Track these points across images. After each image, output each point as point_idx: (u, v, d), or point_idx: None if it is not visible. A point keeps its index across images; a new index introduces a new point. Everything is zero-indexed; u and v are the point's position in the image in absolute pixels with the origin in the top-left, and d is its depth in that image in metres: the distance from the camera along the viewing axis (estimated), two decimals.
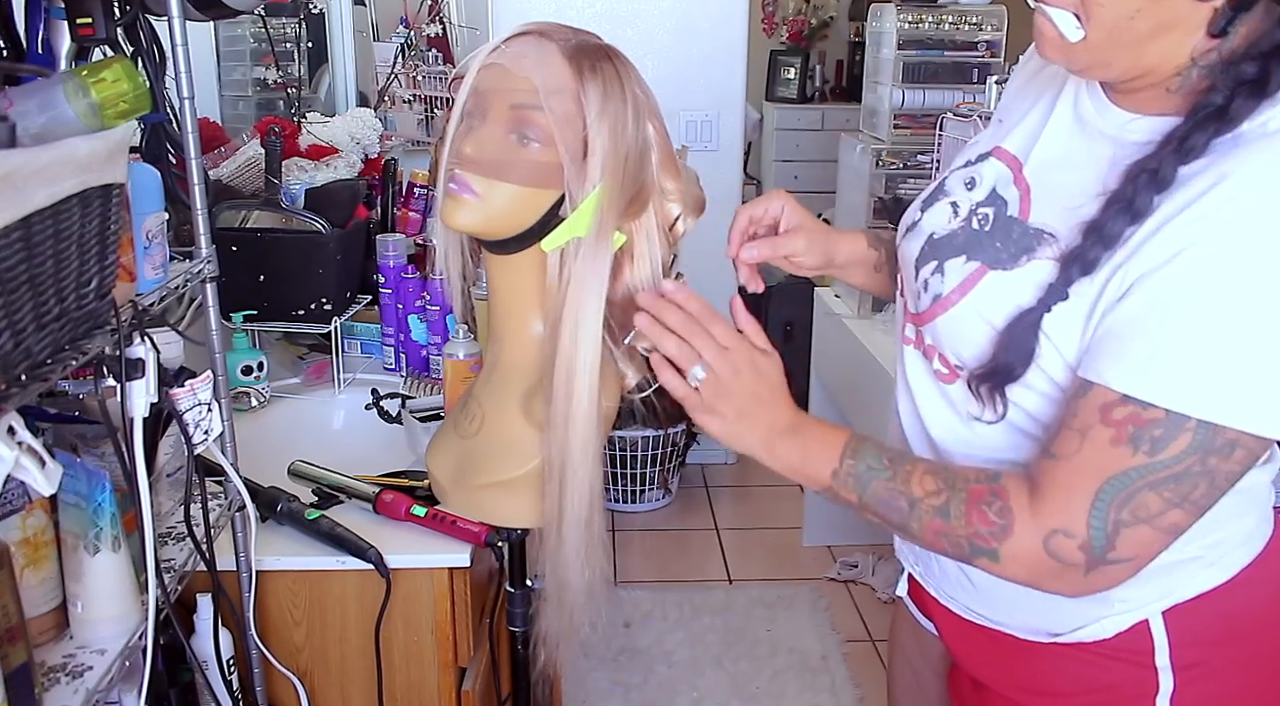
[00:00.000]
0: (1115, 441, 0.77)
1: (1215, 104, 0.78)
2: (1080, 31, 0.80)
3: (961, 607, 1.03)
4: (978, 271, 0.90)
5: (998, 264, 0.89)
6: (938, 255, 0.95)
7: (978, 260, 0.91)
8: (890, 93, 2.65)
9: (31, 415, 1.04)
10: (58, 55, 1.12)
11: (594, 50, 0.98)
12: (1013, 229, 0.90)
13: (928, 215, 0.99)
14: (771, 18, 6.05)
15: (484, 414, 1.15)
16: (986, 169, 0.96)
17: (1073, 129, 0.91)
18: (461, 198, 0.98)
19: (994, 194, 0.94)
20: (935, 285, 0.93)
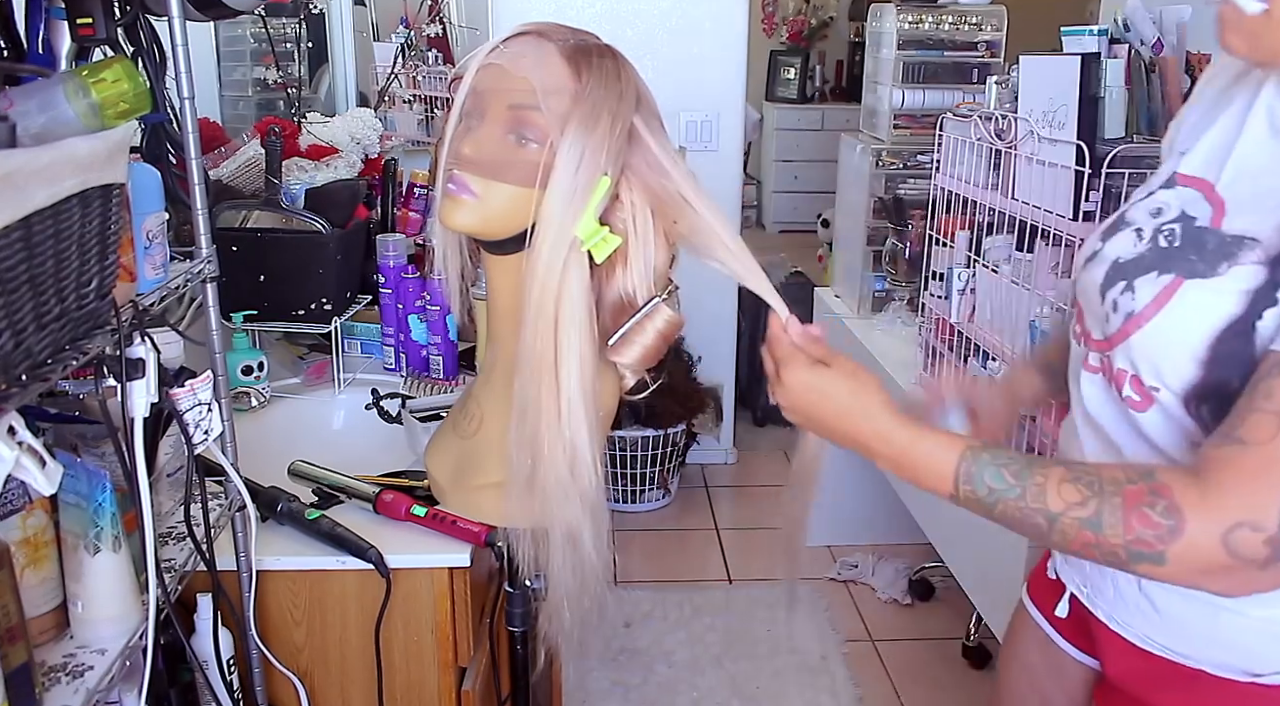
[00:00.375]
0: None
1: None
2: (1262, 4, 0.74)
3: (1138, 636, 0.96)
4: (1173, 283, 0.84)
5: (1195, 274, 0.83)
6: (1125, 275, 0.89)
7: (1171, 273, 0.85)
8: (890, 93, 2.65)
9: (32, 415, 1.04)
10: (58, 55, 1.12)
11: (593, 50, 0.98)
12: (1207, 239, 0.84)
13: (1110, 244, 0.94)
14: (771, 18, 6.06)
15: (483, 414, 1.15)
16: (1171, 196, 0.91)
17: (1268, 138, 0.85)
18: (460, 198, 0.98)
19: (1182, 214, 0.88)
20: (1126, 304, 0.87)
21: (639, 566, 2.93)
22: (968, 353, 1.90)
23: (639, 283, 1.04)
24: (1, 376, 0.76)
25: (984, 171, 1.87)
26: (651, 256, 1.04)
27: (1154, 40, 1.60)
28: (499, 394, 1.11)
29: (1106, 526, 0.76)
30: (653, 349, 1.07)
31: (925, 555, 2.74)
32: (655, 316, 1.05)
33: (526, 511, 1.04)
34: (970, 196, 1.92)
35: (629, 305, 1.05)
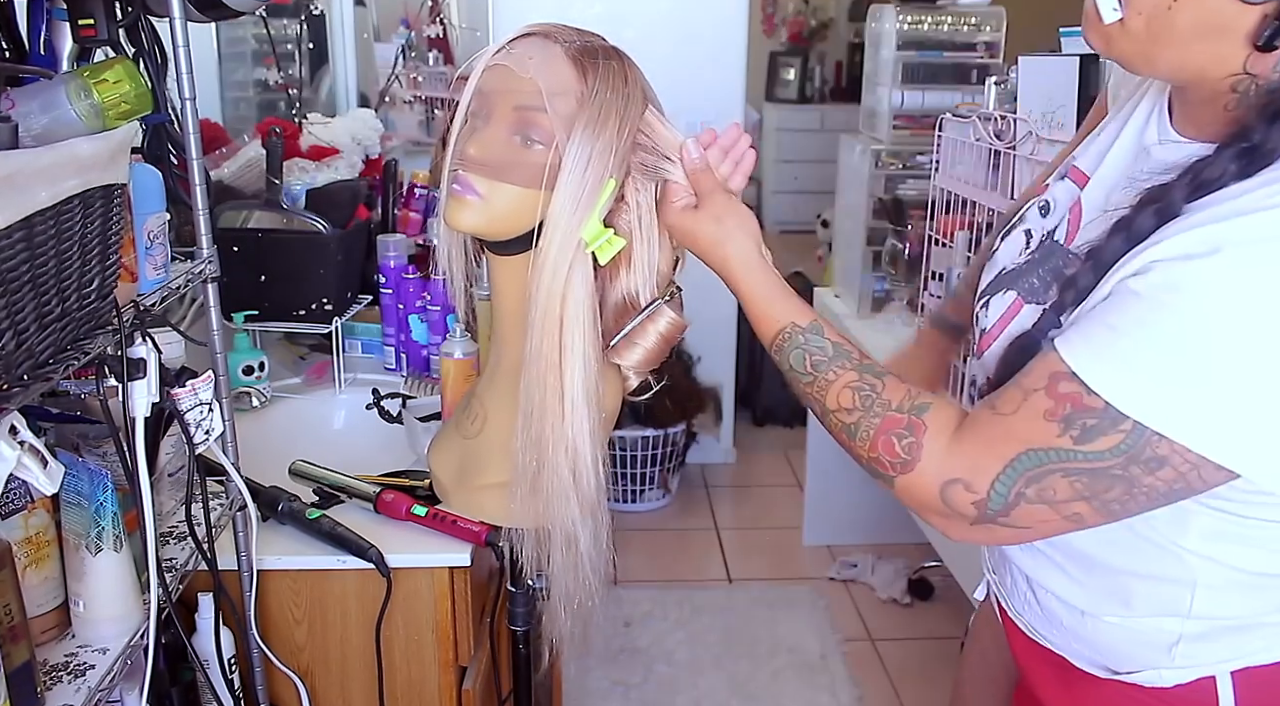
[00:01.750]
0: (1049, 415, 0.75)
1: (1248, 140, 0.74)
2: (1117, 13, 0.77)
3: (1026, 626, 1.01)
4: (1014, 305, 0.90)
5: (1032, 296, 0.88)
6: (991, 290, 0.95)
7: (1014, 291, 0.90)
8: (890, 93, 2.65)
9: (34, 415, 1.04)
10: (60, 56, 1.12)
11: (599, 52, 0.98)
12: (1055, 256, 0.88)
13: (1004, 245, 0.98)
14: (771, 19, 6.06)
15: (486, 414, 1.15)
16: (1060, 190, 0.94)
17: (1132, 154, 0.88)
18: (465, 198, 0.99)
19: (1052, 229, 0.92)
20: (982, 320, 0.94)
21: (639, 566, 2.93)
22: (967, 352, 1.90)
23: (642, 284, 1.04)
24: (3, 376, 0.76)
25: (983, 172, 1.87)
26: (655, 258, 1.04)
27: None
28: (502, 394, 1.12)
29: (858, 437, 0.84)
30: (655, 351, 1.07)
31: (925, 555, 2.74)
32: (658, 318, 1.05)
33: (530, 511, 1.04)
34: (970, 197, 1.93)
35: (632, 307, 1.05)
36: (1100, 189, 0.90)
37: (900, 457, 0.81)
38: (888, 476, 0.83)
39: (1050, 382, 0.76)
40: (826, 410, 0.86)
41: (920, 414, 0.82)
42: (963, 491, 0.79)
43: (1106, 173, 0.90)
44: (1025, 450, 0.76)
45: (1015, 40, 2.67)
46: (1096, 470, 0.74)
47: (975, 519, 0.79)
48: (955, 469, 0.79)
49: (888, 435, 0.82)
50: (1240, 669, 0.88)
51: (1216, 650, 0.88)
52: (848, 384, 0.85)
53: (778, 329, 0.90)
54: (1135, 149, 0.88)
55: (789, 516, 3.18)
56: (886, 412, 0.83)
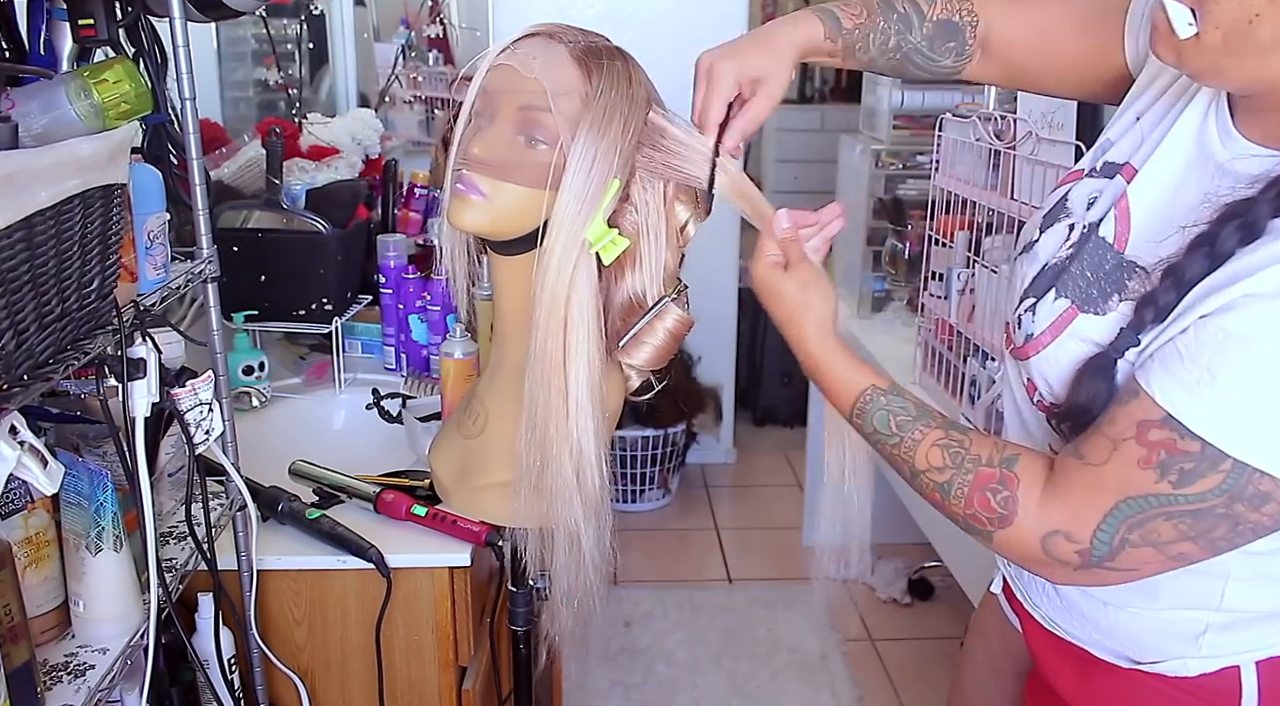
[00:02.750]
0: (1144, 463, 0.74)
1: None
2: (1193, 28, 0.74)
3: (1044, 618, 1.01)
4: (1068, 313, 0.87)
5: (1089, 304, 0.85)
6: (1035, 291, 0.91)
7: (1067, 298, 0.87)
8: (890, 93, 2.65)
9: (34, 415, 1.04)
10: (60, 56, 1.12)
11: (603, 52, 0.99)
12: (1106, 259, 0.86)
13: (1045, 238, 0.94)
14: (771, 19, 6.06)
15: (487, 414, 1.15)
16: (1111, 188, 0.90)
17: (1191, 157, 0.84)
18: (468, 198, 0.99)
19: (1100, 222, 0.89)
20: (1028, 324, 0.91)
21: (639, 566, 2.93)
22: (967, 352, 1.90)
23: (649, 283, 1.04)
24: (3, 376, 0.76)
25: (983, 172, 1.87)
26: (662, 257, 1.04)
27: None
28: (504, 394, 1.12)
29: (953, 496, 0.83)
30: (663, 349, 1.08)
31: (925, 555, 2.74)
32: (665, 316, 1.06)
33: (534, 511, 1.04)
34: (969, 197, 1.93)
35: (639, 306, 1.05)
36: (1152, 190, 0.86)
37: (998, 513, 0.80)
38: (986, 532, 0.82)
39: (1140, 430, 0.75)
40: (916, 471, 0.85)
41: (1011, 466, 0.81)
42: (1064, 542, 0.78)
43: (1160, 172, 0.86)
44: (1124, 498, 0.76)
45: None
46: (1200, 511, 0.74)
47: (1080, 565, 0.79)
48: (1054, 521, 0.79)
49: (982, 491, 0.81)
50: (1265, 658, 0.88)
51: (1243, 640, 0.88)
52: (935, 442, 0.85)
53: (858, 392, 0.89)
54: (1197, 153, 0.84)
55: (789, 516, 3.18)
56: (978, 468, 0.82)
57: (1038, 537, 0.79)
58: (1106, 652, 0.95)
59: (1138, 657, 0.93)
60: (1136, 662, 0.93)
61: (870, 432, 0.89)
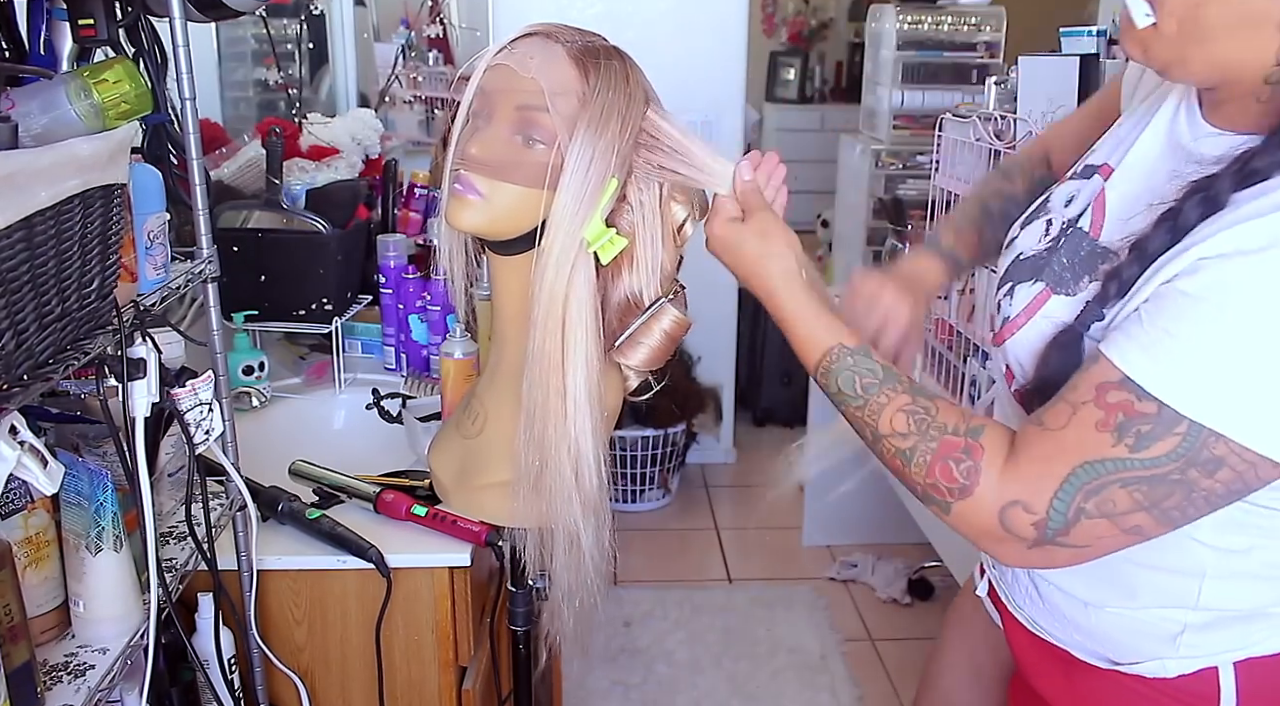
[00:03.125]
0: (1102, 426, 0.75)
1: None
2: (1150, 18, 0.77)
3: (1027, 619, 1.01)
4: (1042, 294, 0.89)
5: (1061, 286, 0.87)
6: (1013, 277, 0.94)
7: (1043, 282, 0.89)
8: (890, 93, 2.66)
9: (34, 415, 1.04)
10: (60, 56, 1.12)
11: (600, 52, 0.99)
12: (1082, 246, 0.88)
13: (1024, 233, 0.98)
14: (771, 18, 6.06)
15: (486, 414, 1.15)
16: (1088, 187, 0.94)
17: (1163, 149, 0.87)
18: (466, 198, 0.99)
19: (1077, 216, 0.92)
20: (1005, 308, 0.93)
21: (639, 566, 2.93)
22: (967, 352, 1.90)
23: (646, 283, 1.04)
24: (3, 376, 0.76)
25: (983, 172, 1.87)
26: (659, 257, 1.04)
27: None
28: (503, 394, 1.12)
29: (914, 464, 0.82)
30: (660, 350, 1.08)
31: (925, 555, 2.74)
32: (662, 317, 1.05)
33: (533, 511, 1.05)
34: None
35: (635, 306, 1.05)
36: (1126, 181, 0.89)
37: (959, 483, 0.79)
38: (944, 503, 0.81)
39: (1098, 393, 0.76)
40: (879, 435, 0.84)
41: (976, 436, 0.80)
42: (1021, 513, 0.77)
43: (1134, 164, 0.89)
44: (1081, 463, 0.75)
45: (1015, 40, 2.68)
46: (1154, 477, 0.74)
47: (1034, 541, 0.78)
48: (1013, 491, 0.78)
49: (945, 460, 0.80)
50: (1243, 659, 0.88)
51: (1221, 640, 0.88)
52: (901, 407, 0.83)
53: (825, 349, 0.88)
54: (1168, 144, 0.87)
55: (789, 516, 3.18)
56: (943, 436, 0.81)
57: (996, 510, 0.78)
58: (1087, 654, 0.96)
59: (1117, 658, 0.93)
60: (1116, 663, 0.93)
61: (835, 392, 0.87)
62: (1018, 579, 1.01)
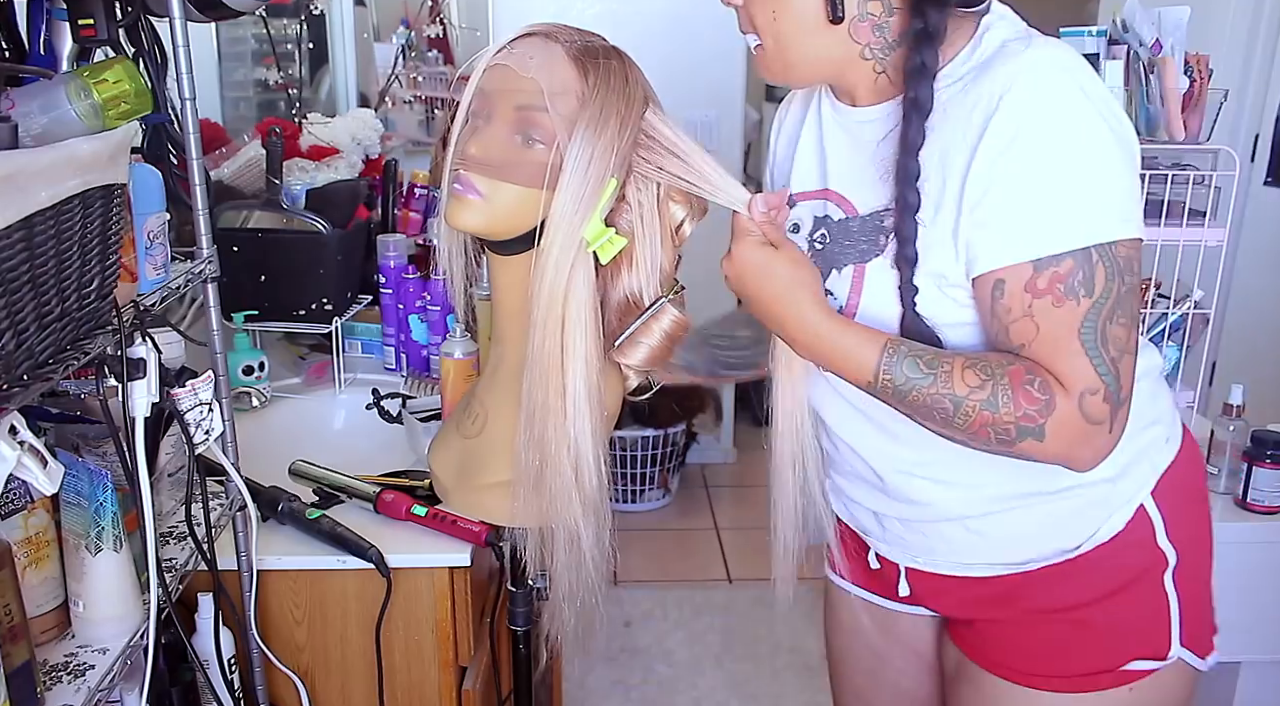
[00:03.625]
0: (1057, 302, 0.85)
1: (909, 98, 0.90)
2: (756, 39, 0.95)
3: (983, 567, 1.05)
4: (857, 271, 0.96)
5: (866, 256, 0.96)
6: None
7: (848, 263, 0.97)
8: None
9: (33, 415, 1.04)
10: (60, 56, 1.12)
11: (599, 52, 0.99)
12: (851, 226, 0.98)
13: None
14: None
15: (486, 414, 1.15)
16: (799, 211, 1.04)
17: (839, 136, 1.01)
18: (466, 198, 0.99)
19: (816, 219, 1.02)
20: (833, 303, 0.97)
21: (639, 566, 2.93)
22: None
23: (645, 283, 1.04)
24: (3, 376, 0.76)
25: None
26: (658, 257, 1.04)
27: (1152, 41, 1.60)
28: (503, 393, 1.12)
29: (1001, 406, 0.87)
30: (659, 349, 1.07)
31: None
32: (662, 317, 1.06)
33: (533, 510, 1.05)
34: None
35: (635, 306, 1.05)
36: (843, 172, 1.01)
37: (1041, 401, 0.86)
38: (1038, 428, 0.86)
39: (1030, 291, 0.86)
40: (959, 399, 0.87)
41: (1024, 359, 0.88)
42: (1089, 397, 0.85)
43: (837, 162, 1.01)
44: (1077, 334, 0.85)
45: None
46: (1116, 300, 0.85)
47: (1111, 414, 0.86)
48: (1071, 387, 0.86)
49: (1022, 386, 0.86)
50: (1154, 487, 1.01)
51: (1136, 477, 1.01)
52: (965, 365, 0.88)
53: (879, 348, 0.91)
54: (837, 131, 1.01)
55: None
56: (1007, 369, 0.87)
57: (1075, 408, 0.85)
58: (1051, 557, 1.01)
59: (1077, 541, 1.01)
60: (1077, 548, 1.00)
61: (902, 383, 0.89)
62: (953, 541, 1.05)
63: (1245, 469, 1.75)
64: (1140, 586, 1.01)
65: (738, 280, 0.97)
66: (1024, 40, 0.91)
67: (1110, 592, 1.01)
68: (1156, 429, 1.03)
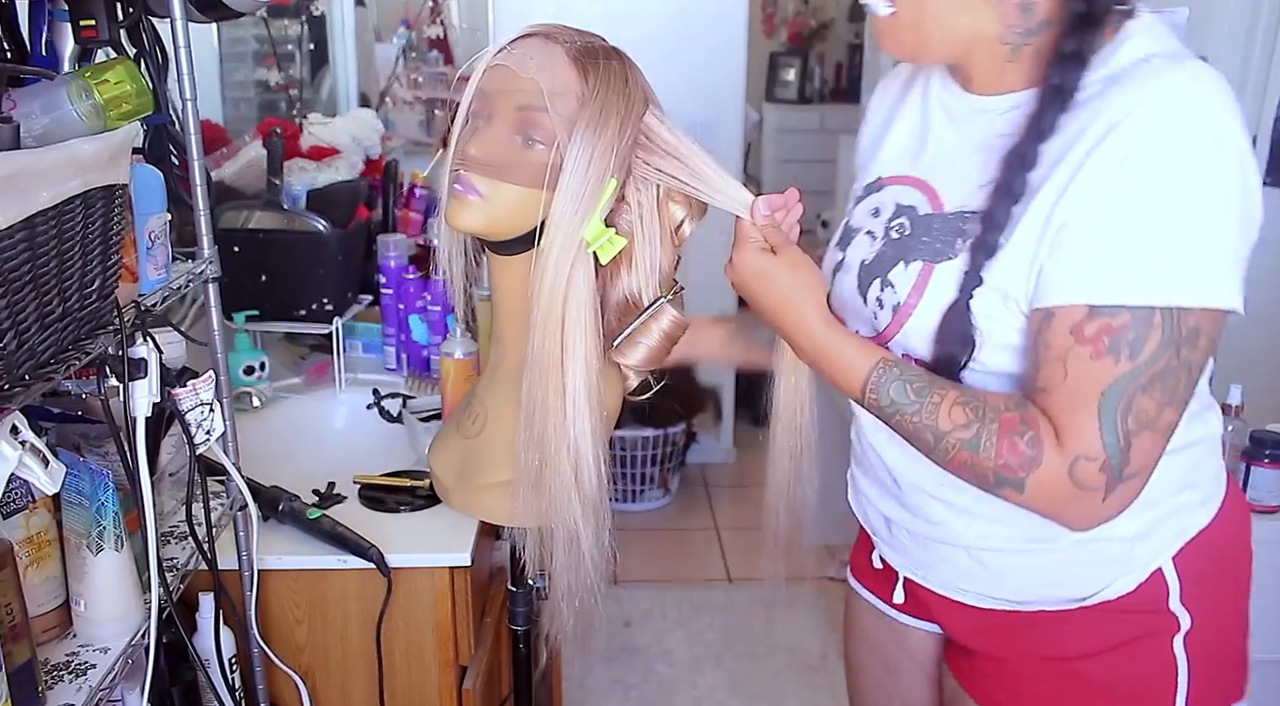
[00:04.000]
0: (1096, 355, 0.80)
1: (1052, 84, 0.85)
2: (890, 8, 0.88)
3: (979, 597, 1.02)
4: (924, 270, 0.92)
5: (939, 256, 0.91)
6: (877, 273, 0.97)
7: (918, 260, 0.93)
8: None
9: (35, 415, 1.04)
10: (61, 57, 1.12)
11: (599, 52, 0.99)
12: (933, 222, 0.93)
13: (850, 251, 1.02)
14: (771, 19, 6.06)
15: (487, 414, 1.16)
16: (883, 196, 1.00)
17: (949, 124, 0.96)
18: (466, 198, 0.99)
19: (899, 207, 0.98)
20: (889, 298, 0.95)
21: (639, 566, 2.93)
22: None
23: (644, 284, 1.04)
24: (5, 376, 0.77)
25: None
26: (657, 257, 1.04)
27: None
28: (503, 393, 1.12)
29: (982, 449, 0.84)
30: (658, 350, 1.08)
31: None
32: (660, 317, 1.06)
33: (533, 510, 1.05)
34: None
35: (634, 306, 1.05)
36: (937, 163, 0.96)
37: (1027, 455, 0.82)
38: (1018, 481, 0.83)
39: (1075, 334, 0.81)
40: (940, 434, 0.85)
41: (1025, 409, 0.84)
42: (1085, 464, 0.81)
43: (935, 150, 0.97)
44: (1101, 395, 0.80)
45: None
46: (1162, 371, 0.80)
47: (1107, 486, 0.82)
48: (1068, 450, 0.82)
49: (1009, 437, 0.83)
50: (1178, 549, 0.95)
51: (1162, 539, 0.95)
52: (955, 401, 0.85)
53: (870, 366, 0.89)
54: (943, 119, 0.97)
55: None
56: (1000, 416, 0.84)
57: (1065, 471, 0.82)
58: (1051, 602, 0.98)
59: (1081, 594, 0.96)
60: (1081, 600, 0.97)
61: (887, 405, 0.88)
62: (957, 564, 1.02)
63: (1244, 469, 1.76)
64: (1146, 646, 0.96)
65: (740, 286, 0.97)
66: (1170, 59, 0.83)
67: (1112, 647, 0.97)
68: (1191, 494, 0.96)
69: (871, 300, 0.97)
